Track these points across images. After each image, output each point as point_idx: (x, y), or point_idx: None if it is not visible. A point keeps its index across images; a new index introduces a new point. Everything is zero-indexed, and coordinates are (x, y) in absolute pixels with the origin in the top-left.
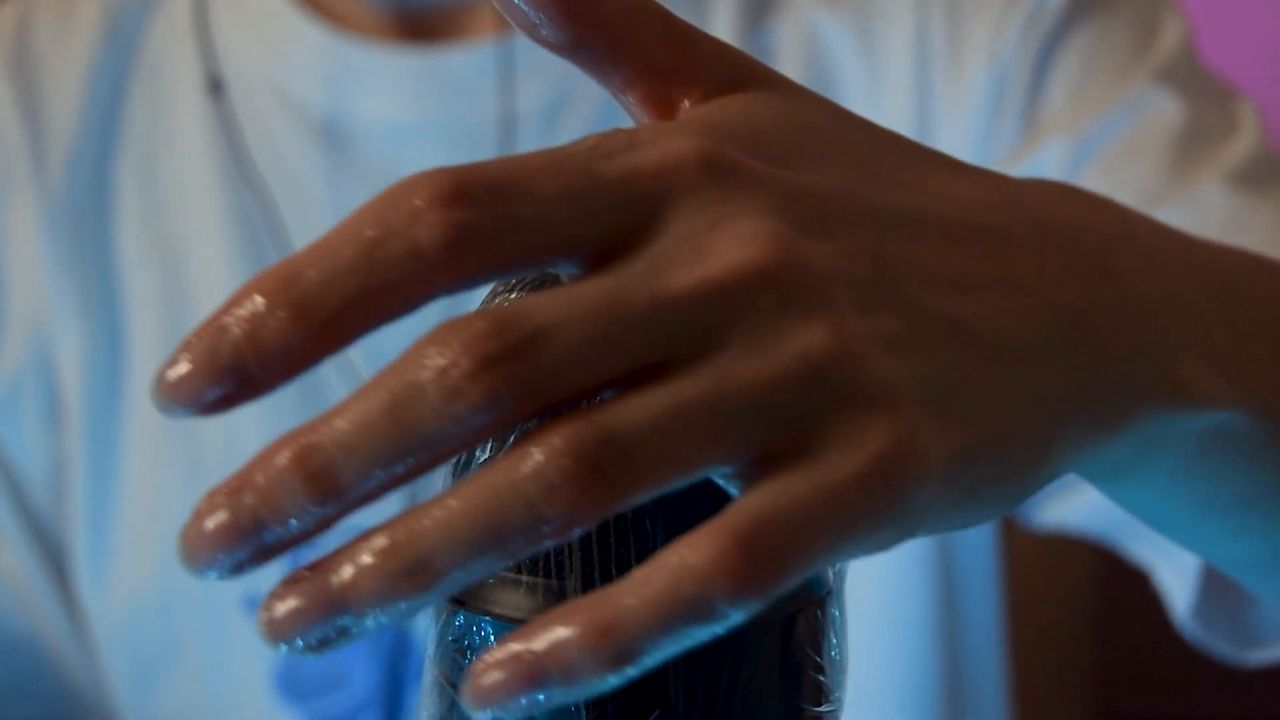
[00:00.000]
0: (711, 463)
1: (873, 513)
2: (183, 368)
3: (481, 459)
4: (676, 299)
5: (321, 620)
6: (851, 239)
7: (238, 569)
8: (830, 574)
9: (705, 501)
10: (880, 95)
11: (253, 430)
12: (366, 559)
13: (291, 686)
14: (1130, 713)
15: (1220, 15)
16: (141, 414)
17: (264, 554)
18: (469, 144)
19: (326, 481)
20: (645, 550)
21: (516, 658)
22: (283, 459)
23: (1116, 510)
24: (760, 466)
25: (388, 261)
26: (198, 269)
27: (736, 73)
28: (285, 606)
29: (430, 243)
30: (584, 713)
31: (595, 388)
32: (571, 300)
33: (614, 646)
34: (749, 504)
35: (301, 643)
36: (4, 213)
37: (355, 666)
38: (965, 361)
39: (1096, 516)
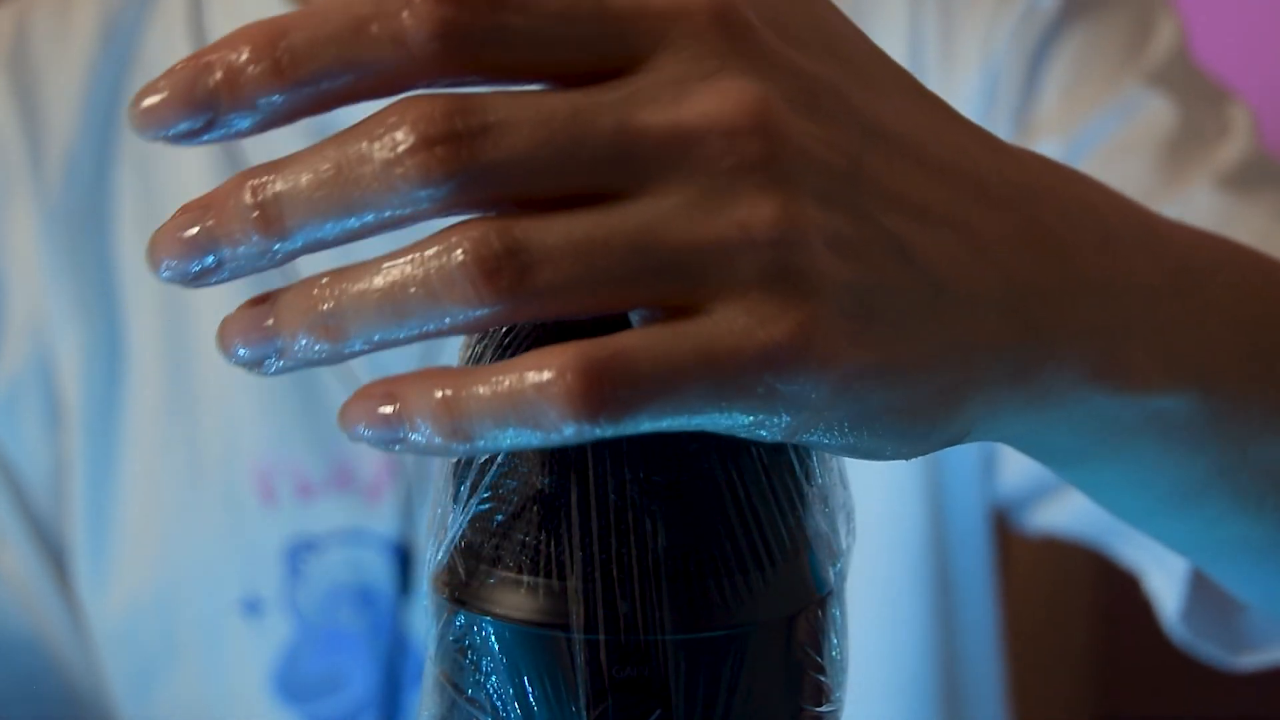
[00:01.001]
0: (615, 302)
1: (742, 391)
2: (159, 95)
3: (482, 458)
4: (641, 132)
5: (255, 343)
6: (837, 132)
7: (188, 277)
8: (831, 574)
9: (704, 504)
10: None
11: (251, 432)
12: (294, 297)
13: (290, 688)
14: (1127, 713)
15: (1216, 12)
16: (141, 416)
17: (213, 271)
18: None
19: (271, 213)
20: (645, 550)
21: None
22: (238, 184)
23: (1106, 514)
24: (658, 312)
25: (371, 41)
26: None
27: None
28: (234, 318)
29: (415, 33)
30: (584, 712)
31: (529, 197)
32: (535, 106)
33: (454, 420)
34: (622, 339)
35: (236, 356)
36: (3, 215)
37: (354, 668)
38: (900, 287)
39: (1086, 521)
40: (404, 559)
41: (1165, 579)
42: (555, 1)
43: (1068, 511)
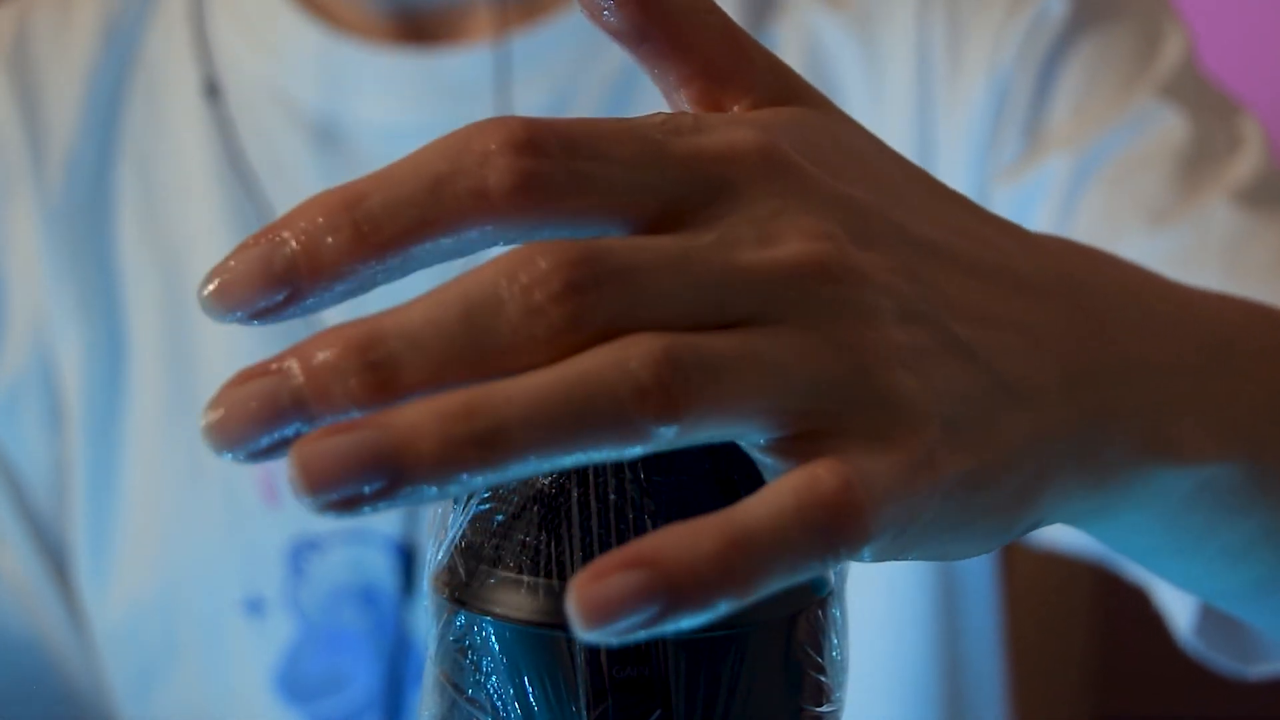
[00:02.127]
0: (764, 416)
1: (881, 518)
2: (234, 271)
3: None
4: (747, 271)
5: (366, 472)
6: (894, 255)
7: (256, 454)
8: (832, 574)
9: (704, 504)
10: (881, 100)
11: None
12: (431, 417)
13: (292, 688)
14: (1127, 714)
15: (1219, 17)
16: (142, 415)
17: (288, 444)
18: None
19: (385, 374)
20: None
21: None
22: (341, 341)
23: None
24: (800, 441)
25: (453, 198)
26: (196, 271)
27: (786, 87)
28: (326, 449)
29: (498, 186)
30: (584, 712)
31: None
32: (652, 248)
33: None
34: (819, 460)
35: (332, 496)
36: (4, 215)
37: (356, 668)
38: (979, 388)
39: (1088, 539)
40: (406, 558)
41: (1176, 594)
42: (621, 148)
43: (1069, 532)
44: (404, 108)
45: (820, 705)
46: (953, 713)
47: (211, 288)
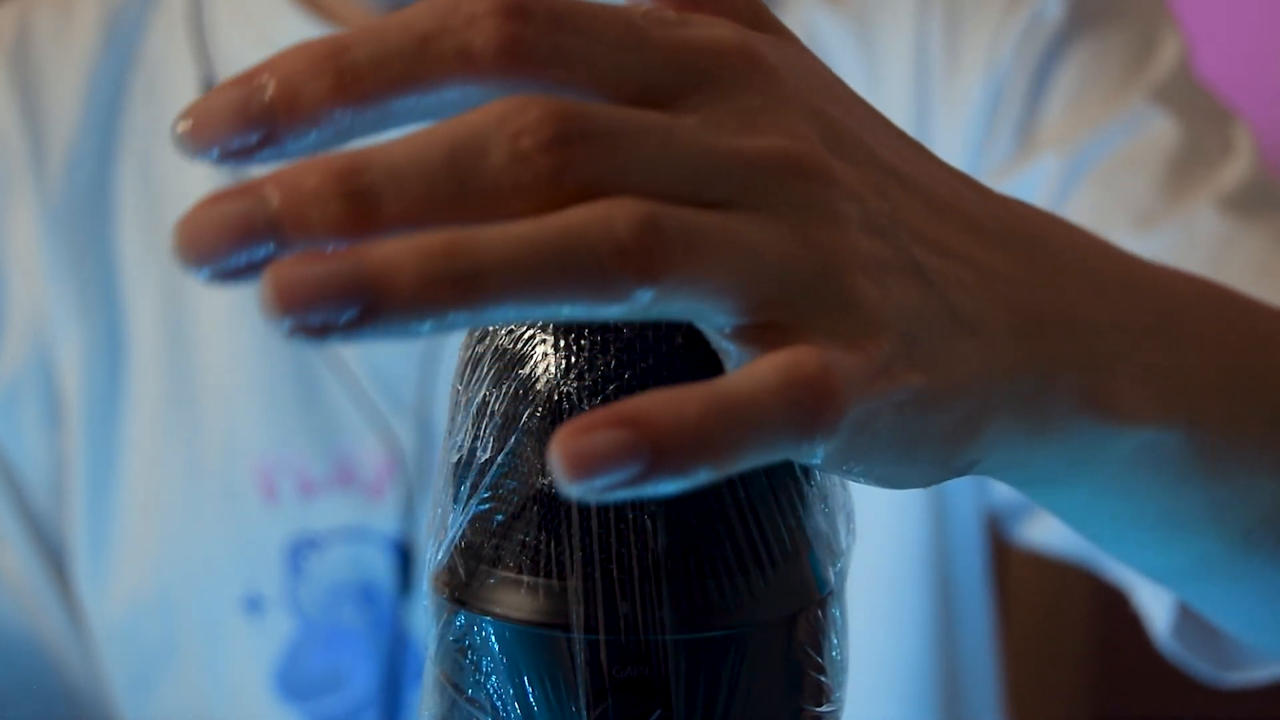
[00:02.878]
0: (733, 299)
1: (848, 408)
2: (210, 110)
3: (482, 458)
4: (728, 154)
5: (342, 299)
6: (863, 170)
7: (225, 273)
8: (831, 574)
9: (704, 504)
10: (879, 96)
11: (252, 430)
12: (411, 253)
13: (291, 686)
14: (1126, 715)
15: (1217, 19)
16: (141, 415)
17: (259, 267)
18: None
19: (364, 204)
20: (645, 550)
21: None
22: (326, 167)
23: None
24: (767, 331)
25: (438, 56)
26: None
27: (758, 19)
28: (302, 272)
29: (483, 47)
30: (584, 712)
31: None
32: (638, 118)
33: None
34: (795, 348)
35: (305, 320)
36: (4, 214)
37: (355, 666)
38: (933, 312)
39: (1072, 540)
40: (405, 557)
41: (1154, 596)
42: (609, 28)
43: (1054, 530)
44: None
45: (820, 705)
46: (950, 710)
47: (186, 125)
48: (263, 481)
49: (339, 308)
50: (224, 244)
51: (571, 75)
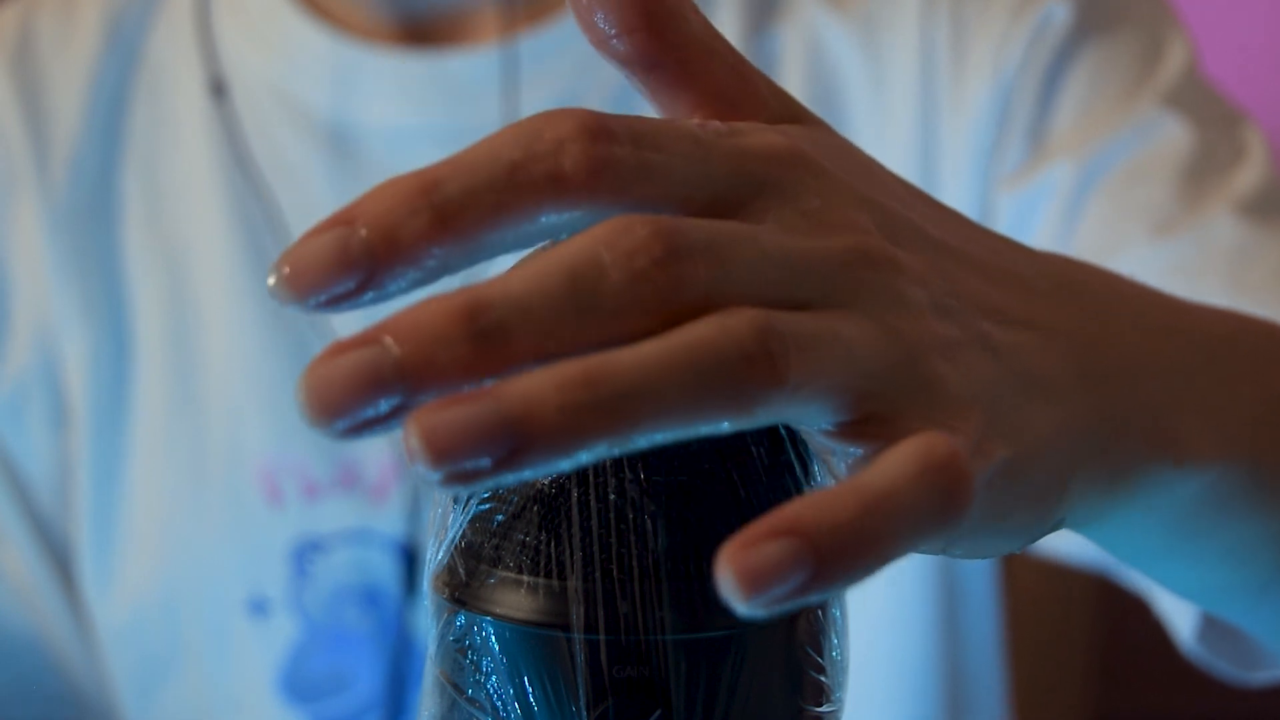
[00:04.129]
0: (834, 393)
1: (946, 505)
2: (307, 258)
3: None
4: (808, 255)
5: (492, 442)
6: (920, 252)
7: (351, 429)
8: None
9: (704, 504)
10: (885, 104)
11: (257, 433)
12: (550, 386)
13: (295, 688)
14: (1129, 713)
15: (1220, 17)
16: (146, 417)
17: (393, 416)
18: None
19: (495, 341)
20: (646, 551)
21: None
22: (447, 309)
23: None
24: (870, 425)
25: (530, 184)
26: (201, 272)
27: (788, 111)
28: (449, 418)
29: (573, 171)
30: (584, 712)
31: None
32: (725, 228)
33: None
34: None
35: (457, 467)
36: (9, 216)
37: (360, 668)
38: (1006, 381)
39: (1083, 547)
40: (410, 559)
41: (1176, 604)
42: (679, 143)
43: (1065, 537)
44: (410, 110)
45: (820, 705)
46: (953, 710)
47: (284, 273)
48: (267, 484)
49: (489, 452)
50: (353, 398)
51: (655, 191)
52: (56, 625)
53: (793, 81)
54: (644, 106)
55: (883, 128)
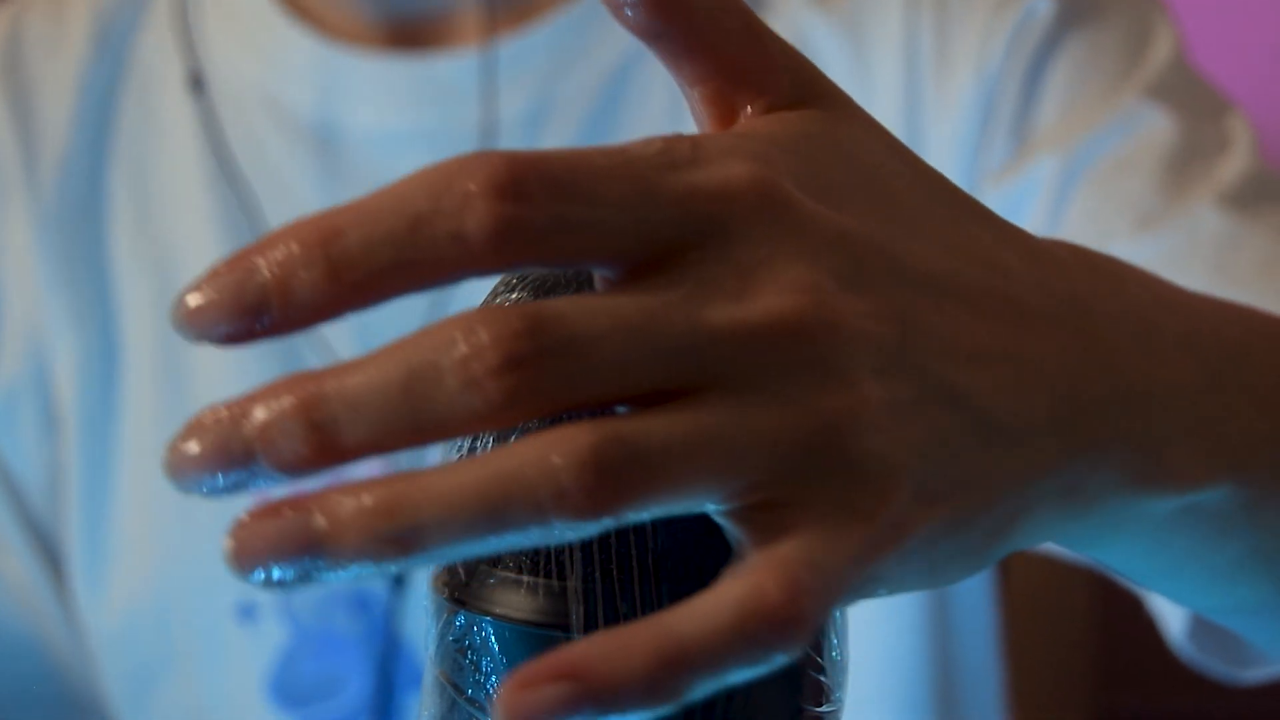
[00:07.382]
0: (714, 494)
1: (829, 602)
2: (206, 297)
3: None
4: (713, 333)
5: (292, 557)
6: (885, 298)
7: (215, 491)
8: None
9: None
10: (869, 99)
11: None
12: (353, 512)
13: (286, 693)
14: (1127, 712)
15: (1215, 13)
16: (136, 421)
17: (246, 483)
18: (455, 150)
19: (326, 435)
20: (645, 550)
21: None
22: (288, 401)
23: None
24: (757, 512)
25: (430, 240)
26: (189, 275)
27: (802, 86)
28: (258, 532)
29: (477, 231)
30: None
31: (612, 401)
32: (609, 312)
33: None
34: (770, 556)
35: (263, 575)
36: None
37: (349, 673)
38: (961, 432)
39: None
40: None
41: (1167, 602)
42: (611, 189)
43: None
44: (394, 112)
45: (820, 705)
46: (950, 710)
47: (186, 309)
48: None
49: (291, 565)
50: (206, 468)
51: (572, 248)
52: (51, 629)
53: None
54: (629, 110)
55: None
